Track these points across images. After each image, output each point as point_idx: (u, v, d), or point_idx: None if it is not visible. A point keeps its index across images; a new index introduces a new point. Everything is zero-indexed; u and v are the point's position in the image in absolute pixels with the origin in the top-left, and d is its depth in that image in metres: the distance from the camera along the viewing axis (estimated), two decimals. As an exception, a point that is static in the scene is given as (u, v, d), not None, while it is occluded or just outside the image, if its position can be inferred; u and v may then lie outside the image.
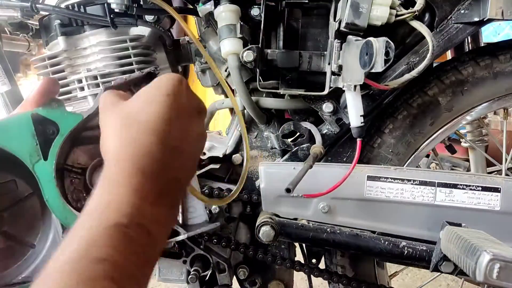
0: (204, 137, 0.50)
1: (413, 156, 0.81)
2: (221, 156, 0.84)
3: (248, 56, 0.68)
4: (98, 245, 0.33)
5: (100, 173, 0.43)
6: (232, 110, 0.95)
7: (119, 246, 0.34)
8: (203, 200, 0.65)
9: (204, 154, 0.83)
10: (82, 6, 0.76)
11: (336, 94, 0.74)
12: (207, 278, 0.90)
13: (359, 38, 0.61)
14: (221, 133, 1.04)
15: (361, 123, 0.65)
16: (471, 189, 0.68)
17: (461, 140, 1.26)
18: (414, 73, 0.68)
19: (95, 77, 0.78)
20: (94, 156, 0.64)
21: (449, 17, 0.70)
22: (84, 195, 0.61)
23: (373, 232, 0.74)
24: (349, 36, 0.63)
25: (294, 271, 0.86)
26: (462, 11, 0.69)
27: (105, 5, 0.74)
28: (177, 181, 0.43)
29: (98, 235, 0.34)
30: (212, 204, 0.84)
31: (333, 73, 0.69)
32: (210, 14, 0.81)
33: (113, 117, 0.44)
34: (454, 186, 0.69)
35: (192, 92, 0.48)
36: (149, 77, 0.64)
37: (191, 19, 0.97)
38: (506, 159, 0.97)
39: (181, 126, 0.44)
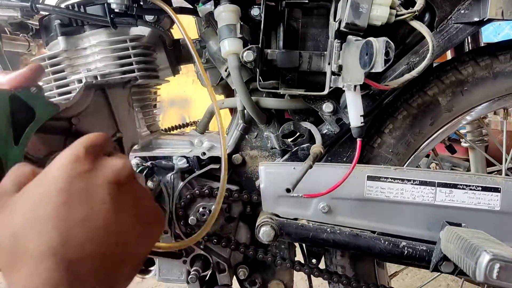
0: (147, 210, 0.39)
1: (413, 156, 0.81)
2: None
3: (248, 56, 0.68)
4: None
5: None
6: (232, 110, 0.95)
7: None
8: (164, 248, 0.62)
9: (204, 154, 0.83)
10: (82, 6, 0.76)
11: (336, 94, 0.74)
12: (207, 278, 0.90)
13: (359, 38, 0.61)
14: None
15: (361, 123, 0.65)
16: (471, 189, 0.68)
17: (461, 140, 1.27)
18: (414, 73, 0.68)
19: (95, 77, 0.78)
20: (52, 148, 0.61)
21: (449, 17, 0.70)
22: None
23: (373, 232, 0.74)
24: (349, 36, 0.63)
25: (294, 271, 0.86)
26: (462, 11, 0.69)
27: (105, 5, 0.74)
28: None
29: None
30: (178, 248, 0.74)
31: (333, 73, 0.69)
32: (210, 14, 0.81)
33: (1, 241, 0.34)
34: (454, 186, 0.69)
35: (99, 162, 0.37)
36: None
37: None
38: (506, 159, 0.97)
39: (91, 224, 0.34)
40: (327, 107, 0.75)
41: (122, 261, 0.36)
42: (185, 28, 0.72)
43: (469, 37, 1.05)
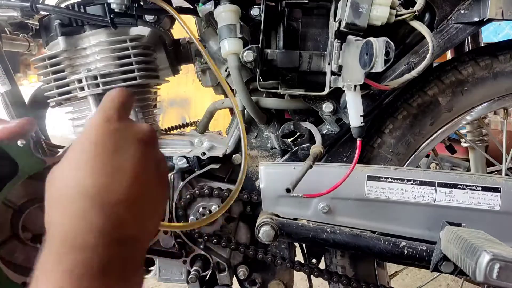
0: (159, 165, 0.44)
1: (413, 156, 0.81)
2: (221, 156, 0.84)
3: (248, 56, 0.68)
4: None
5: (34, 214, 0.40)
6: (232, 110, 0.95)
7: None
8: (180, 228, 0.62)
9: (204, 154, 0.83)
10: (82, 6, 0.76)
11: (336, 94, 0.74)
12: (207, 278, 0.90)
13: (359, 38, 0.61)
14: (221, 133, 1.04)
15: (361, 123, 0.65)
16: (471, 189, 0.68)
17: (461, 140, 1.27)
18: (414, 73, 0.68)
19: (95, 77, 0.78)
20: (35, 193, 0.59)
21: (449, 17, 0.70)
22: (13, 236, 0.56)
23: (373, 232, 0.74)
24: (349, 36, 0.63)
25: (294, 271, 0.86)
26: (462, 11, 0.69)
27: (105, 5, 0.74)
28: (131, 239, 0.38)
29: None
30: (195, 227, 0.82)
31: (333, 73, 0.69)
32: (210, 14, 0.81)
33: (46, 189, 0.39)
34: (454, 186, 0.69)
35: (128, 123, 0.43)
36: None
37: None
38: (506, 159, 0.97)
39: (122, 173, 0.38)
40: (327, 107, 0.75)
41: (148, 211, 0.41)
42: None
43: (469, 37, 1.05)
